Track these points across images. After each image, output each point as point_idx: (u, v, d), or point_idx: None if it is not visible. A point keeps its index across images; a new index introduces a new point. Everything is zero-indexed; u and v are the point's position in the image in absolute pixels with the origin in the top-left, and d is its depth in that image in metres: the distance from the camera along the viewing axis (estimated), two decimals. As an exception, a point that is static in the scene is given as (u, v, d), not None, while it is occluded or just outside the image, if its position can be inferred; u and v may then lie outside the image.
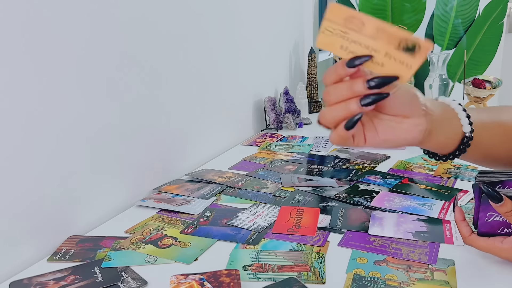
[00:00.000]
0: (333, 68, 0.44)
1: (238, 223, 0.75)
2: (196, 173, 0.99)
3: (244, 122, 1.31)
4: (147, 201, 0.84)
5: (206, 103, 1.10)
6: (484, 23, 1.82)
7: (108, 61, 0.78)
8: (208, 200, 0.84)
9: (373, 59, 0.42)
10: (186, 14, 0.99)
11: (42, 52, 0.65)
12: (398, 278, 0.58)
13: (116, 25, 0.79)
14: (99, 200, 0.79)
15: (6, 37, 0.60)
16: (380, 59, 0.42)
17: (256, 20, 1.33)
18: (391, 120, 0.46)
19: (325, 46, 0.43)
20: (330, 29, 0.42)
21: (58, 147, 0.69)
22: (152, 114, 0.91)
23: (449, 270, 0.59)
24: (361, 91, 0.43)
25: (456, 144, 0.52)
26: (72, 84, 0.71)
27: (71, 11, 0.69)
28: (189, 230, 0.73)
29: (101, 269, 0.62)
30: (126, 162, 0.85)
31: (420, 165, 1.00)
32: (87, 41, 0.73)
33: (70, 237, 0.72)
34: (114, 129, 0.81)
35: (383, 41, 0.41)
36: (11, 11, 0.60)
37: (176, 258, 0.65)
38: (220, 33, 1.14)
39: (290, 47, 1.62)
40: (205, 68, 1.08)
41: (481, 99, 1.50)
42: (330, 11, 0.42)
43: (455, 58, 1.85)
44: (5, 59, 0.60)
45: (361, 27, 0.42)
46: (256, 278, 0.59)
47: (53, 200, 0.69)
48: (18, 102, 0.63)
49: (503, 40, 1.96)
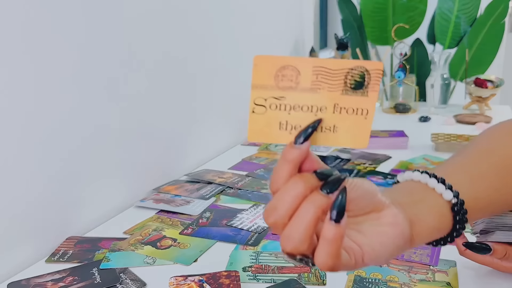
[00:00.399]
0: (281, 162, 0.34)
1: (238, 224, 0.74)
2: (196, 173, 0.99)
3: (244, 122, 1.29)
4: (146, 202, 0.83)
5: (206, 103, 1.10)
6: (485, 22, 1.81)
7: (108, 61, 0.77)
8: (208, 201, 0.84)
9: (322, 125, 0.34)
10: (185, 14, 0.98)
11: (40, 52, 0.65)
12: (399, 280, 0.57)
13: (117, 25, 0.78)
14: (97, 201, 0.78)
15: (4, 36, 0.59)
16: (331, 120, 0.34)
17: (256, 19, 1.33)
18: (368, 221, 0.38)
19: (260, 136, 0.35)
20: (261, 102, 0.34)
21: (56, 147, 0.69)
22: (152, 114, 0.90)
23: (451, 271, 0.59)
24: (315, 183, 0.34)
25: (450, 218, 0.41)
26: (70, 84, 0.70)
27: (69, 11, 0.69)
28: (188, 231, 0.73)
29: (99, 270, 0.61)
30: (125, 162, 0.84)
31: (421, 165, 0.99)
32: (86, 40, 0.72)
33: (68, 238, 0.71)
34: (113, 129, 0.80)
35: (326, 88, 0.34)
36: (9, 10, 0.60)
37: (175, 259, 0.64)
38: (220, 32, 1.13)
39: (290, 46, 1.61)
40: (205, 68, 1.08)
41: (483, 99, 1.49)
42: (256, 71, 0.33)
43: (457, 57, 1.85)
44: (3, 59, 0.60)
45: (297, 78, 0.34)
46: (256, 279, 0.59)
47: (52, 201, 0.69)
48: (16, 102, 0.62)
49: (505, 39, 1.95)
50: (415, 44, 1.93)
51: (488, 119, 1.39)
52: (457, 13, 1.78)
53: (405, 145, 1.13)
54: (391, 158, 1.05)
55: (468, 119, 1.38)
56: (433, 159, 1.03)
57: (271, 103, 0.34)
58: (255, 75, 0.34)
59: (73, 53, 0.70)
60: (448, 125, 1.36)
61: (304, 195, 0.34)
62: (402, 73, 1.52)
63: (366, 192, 0.37)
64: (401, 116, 1.51)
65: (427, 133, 1.22)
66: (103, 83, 0.77)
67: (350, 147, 0.37)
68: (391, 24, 1.84)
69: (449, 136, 1.13)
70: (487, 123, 1.36)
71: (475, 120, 1.37)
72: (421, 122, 1.41)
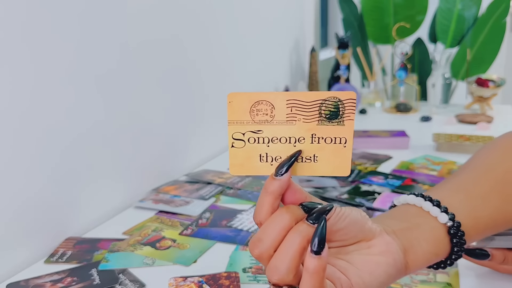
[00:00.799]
0: (263, 195, 0.34)
1: (238, 224, 0.74)
2: (195, 173, 0.98)
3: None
4: (145, 202, 0.83)
5: (206, 103, 1.09)
6: (487, 21, 1.80)
7: (107, 60, 0.77)
8: (207, 201, 0.83)
9: (302, 155, 0.35)
10: (185, 12, 0.98)
11: (36, 50, 0.64)
12: (400, 280, 0.57)
13: (114, 23, 0.78)
14: (96, 201, 0.78)
15: (2, 36, 0.59)
16: (310, 151, 0.35)
17: (256, 18, 1.32)
18: (359, 250, 0.37)
19: (242, 169, 0.35)
20: (239, 137, 0.34)
21: (55, 147, 0.68)
22: (151, 113, 0.90)
23: (452, 272, 0.59)
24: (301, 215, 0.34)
25: (447, 242, 0.40)
26: (67, 83, 0.70)
27: (65, 8, 0.68)
28: (188, 231, 0.72)
29: (98, 271, 0.61)
30: (124, 162, 0.84)
31: (423, 166, 0.99)
32: (83, 38, 0.72)
33: (67, 239, 0.71)
34: (112, 129, 0.80)
35: (302, 120, 0.34)
36: (8, 9, 0.59)
37: (174, 260, 0.64)
38: (220, 31, 1.13)
39: (290, 45, 1.61)
40: (204, 67, 1.07)
41: (484, 99, 1.48)
42: (230, 108, 0.34)
43: (458, 57, 1.84)
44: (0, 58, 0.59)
45: (272, 112, 0.34)
46: (256, 280, 0.58)
47: (50, 201, 0.69)
48: (11, 102, 0.62)
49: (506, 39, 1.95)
50: (416, 43, 1.93)
51: (489, 119, 1.38)
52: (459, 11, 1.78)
53: (406, 145, 1.12)
54: (392, 158, 1.04)
55: (469, 119, 1.38)
56: (434, 159, 1.02)
57: (249, 137, 0.35)
58: (231, 112, 0.34)
59: (70, 51, 0.70)
60: (449, 125, 1.36)
61: (290, 227, 0.33)
62: (403, 72, 1.52)
63: (355, 221, 0.36)
64: (402, 115, 1.50)
65: (428, 133, 1.21)
66: (101, 82, 0.77)
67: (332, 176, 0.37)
68: (392, 23, 1.84)
69: (450, 136, 1.13)
70: (488, 123, 1.35)
71: (477, 120, 1.36)
72: (422, 122, 1.41)
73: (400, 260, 0.38)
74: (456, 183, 0.45)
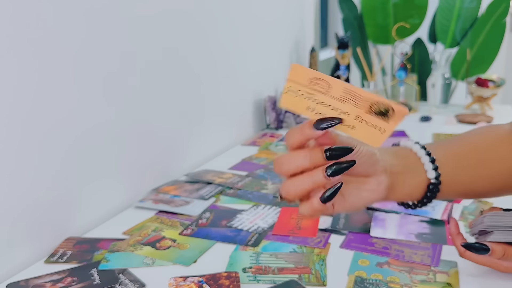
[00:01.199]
0: (299, 129, 0.40)
1: (238, 224, 0.74)
2: (195, 173, 0.98)
3: (244, 121, 1.30)
4: (145, 202, 0.83)
5: (206, 103, 1.09)
6: (487, 21, 1.80)
7: (107, 60, 0.77)
8: (207, 201, 0.83)
9: (343, 121, 0.39)
10: (185, 13, 0.98)
11: (40, 51, 0.64)
12: (400, 280, 0.57)
13: (116, 24, 0.78)
14: (96, 201, 0.78)
15: (4, 35, 0.59)
16: (351, 122, 0.39)
17: (256, 19, 1.32)
18: (354, 182, 0.43)
19: (290, 106, 0.39)
20: (293, 90, 0.39)
21: (55, 147, 0.68)
22: (151, 113, 0.90)
23: (452, 272, 0.59)
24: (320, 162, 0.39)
25: (422, 192, 0.48)
26: (68, 83, 0.70)
27: (69, 9, 0.68)
28: (188, 231, 0.72)
29: (98, 271, 0.61)
30: (124, 162, 0.84)
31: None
32: (85, 39, 0.72)
33: (67, 239, 0.71)
34: (112, 129, 0.80)
35: (352, 104, 0.38)
36: (12, 10, 0.59)
37: (174, 260, 0.64)
38: (219, 31, 1.13)
39: (290, 46, 1.60)
40: (204, 67, 1.07)
41: (484, 99, 1.48)
42: (293, 72, 0.38)
43: (458, 57, 1.84)
44: (2, 59, 0.59)
45: (328, 89, 0.38)
46: (256, 280, 0.58)
47: (50, 201, 0.69)
48: (13, 102, 0.62)
49: (506, 39, 1.95)
50: (416, 43, 1.93)
51: (489, 119, 1.38)
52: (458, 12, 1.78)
53: (406, 145, 1.12)
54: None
55: (469, 119, 1.38)
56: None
57: (302, 93, 0.39)
58: (292, 75, 0.38)
59: (73, 52, 0.70)
60: (449, 125, 1.36)
61: (305, 167, 0.40)
62: (403, 72, 1.52)
63: (368, 159, 0.42)
64: (402, 115, 1.50)
65: (428, 133, 1.21)
66: (102, 83, 0.77)
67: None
68: (392, 23, 1.84)
69: (450, 136, 1.13)
70: (488, 122, 1.35)
71: (477, 120, 1.36)
72: (422, 122, 1.41)
73: (382, 196, 0.45)
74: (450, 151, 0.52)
